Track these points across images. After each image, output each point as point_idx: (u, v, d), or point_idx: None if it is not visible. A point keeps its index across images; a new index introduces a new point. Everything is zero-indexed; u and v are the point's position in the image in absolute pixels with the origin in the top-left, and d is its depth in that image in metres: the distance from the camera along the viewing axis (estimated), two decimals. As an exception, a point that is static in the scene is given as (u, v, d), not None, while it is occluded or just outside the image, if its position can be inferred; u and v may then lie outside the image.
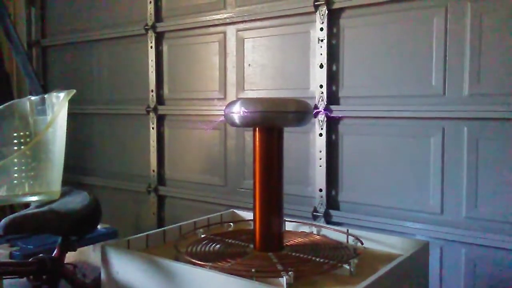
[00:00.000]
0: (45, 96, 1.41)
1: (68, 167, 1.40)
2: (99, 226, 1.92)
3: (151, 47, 2.57)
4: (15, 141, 1.44)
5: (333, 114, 1.97)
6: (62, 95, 1.30)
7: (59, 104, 1.29)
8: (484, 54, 1.66)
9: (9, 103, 1.50)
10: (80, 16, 2.97)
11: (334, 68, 1.99)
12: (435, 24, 1.75)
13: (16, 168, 1.23)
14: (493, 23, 1.64)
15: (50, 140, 1.25)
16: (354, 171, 1.96)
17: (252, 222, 1.37)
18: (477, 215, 1.69)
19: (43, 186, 1.23)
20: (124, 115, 2.77)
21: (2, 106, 1.48)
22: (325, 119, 1.98)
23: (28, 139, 1.42)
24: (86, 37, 2.91)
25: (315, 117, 1.99)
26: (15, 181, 1.22)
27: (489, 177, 1.67)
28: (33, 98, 1.48)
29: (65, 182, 1.41)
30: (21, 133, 1.44)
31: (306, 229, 1.53)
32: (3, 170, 1.21)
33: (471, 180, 1.70)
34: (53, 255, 1.36)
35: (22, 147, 1.39)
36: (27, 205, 1.46)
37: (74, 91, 1.28)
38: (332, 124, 2.00)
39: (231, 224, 1.58)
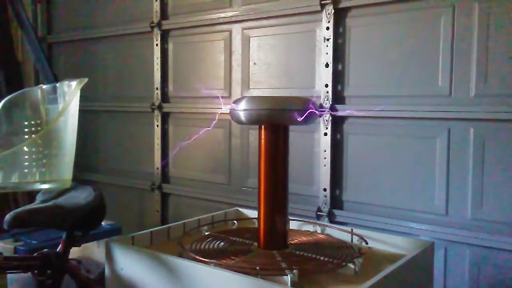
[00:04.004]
0: (57, 84, 1.40)
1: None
2: (103, 223, 1.92)
3: (157, 44, 2.57)
4: (26, 129, 1.43)
5: (338, 114, 1.96)
6: (74, 83, 1.28)
7: (71, 92, 1.29)
8: (491, 54, 1.65)
9: (20, 91, 1.48)
10: (86, 13, 2.98)
11: (339, 67, 1.98)
12: (442, 24, 1.74)
13: (27, 156, 1.22)
14: (501, 24, 1.63)
15: (62, 129, 1.24)
16: (359, 171, 1.95)
17: (256, 221, 1.37)
18: (482, 216, 1.68)
19: (54, 174, 1.23)
20: (129, 113, 2.77)
21: (13, 94, 1.46)
22: (330, 118, 1.97)
23: (39, 128, 1.41)
24: (91, 34, 2.91)
25: (320, 116, 1.98)
26: (25, 170, 1.21)
27: (495, 179, 1.66)
28: (44, 86, 1.46)
29: (69, 178, 1.41)
30: (32, 122, 1.43)
31: (310, 228, 1.53)
32: (13, 157, 1.21)
33: (476, 181, 1.69)
34: (57, 250, 1.37)
35: (33, 136, 1.38)
36: (31, 199, 1.46)
37: (86, 79, 1.26)
38: (337, 123, 1.99)
39: (235, 222, 1.58)
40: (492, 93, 1.66)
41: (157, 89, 2.58)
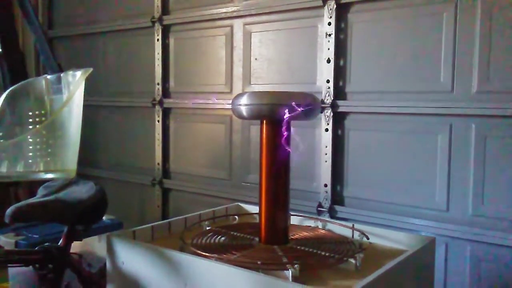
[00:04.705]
0: (61, 74, 1.38)
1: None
2: (104, 218, 1.92)
3: (158, 39, 2.57)
4: (31, 120, 1.41)
5: (340, 110, 1.96)
6: (78, 73, 1.27)
7: (75, 83, 1.27)
8: (493, 51, 1.65)
9: (24, 82, 1.46)
10: (87, 8, 2.97)
11: (341, 63, 1.98)
12: (445, 20, 1.74)
13: (31, 146, 1.22)
14: (503, 20, 1.63)
15: (66, 119, 1.23)
16: (360, 167, 1.95)
17: (257, 216, 1.37)
18: (483, 212, 1.68)
19: (59, 164, 1.22)
20: (130, 108, 2.77)
21: (17, 85, 1.45)
22: (332, 114, 1.97)
23: (43, 119, 1.40)
24: (93, 29, 2.91)
25: (321, 112, 1.98)
26: (30, 160, 1.21)
27: (496, 175, 1.66)
28: (49, 77, 1.45)
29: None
30: (37, 112, 1.42)
31: (311, 223, 1.53)
32: (18, 147, 1.20)
33: (478, 178, 1.69)
34: (59, 244, 1.37)
35: (38, 126, 1.37)
36: (33, 194, 1.46)
37: (91, 69, 1.25)
38: (338, 119, 1.99)
39: (236, 217, 1.58)
40: (494, 89, 1.65)
41: (158, 84, 2.58)
